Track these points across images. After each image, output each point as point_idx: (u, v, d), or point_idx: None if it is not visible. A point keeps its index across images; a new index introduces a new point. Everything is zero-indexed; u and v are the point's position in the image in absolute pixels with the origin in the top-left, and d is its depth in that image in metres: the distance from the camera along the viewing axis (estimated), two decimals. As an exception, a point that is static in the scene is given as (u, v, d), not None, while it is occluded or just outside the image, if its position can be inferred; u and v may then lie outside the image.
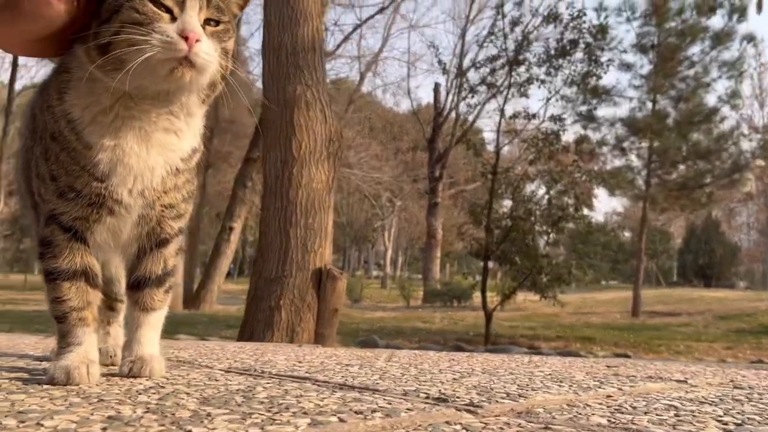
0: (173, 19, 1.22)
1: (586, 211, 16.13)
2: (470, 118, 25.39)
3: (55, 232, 1.34)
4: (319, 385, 1.42)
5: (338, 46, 24.63)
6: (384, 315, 19.00)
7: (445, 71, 23.30)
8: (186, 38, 1.20)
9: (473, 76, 19.29)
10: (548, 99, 16.32)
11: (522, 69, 15.50)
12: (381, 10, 24.30)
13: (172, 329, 12.25)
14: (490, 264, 14.35)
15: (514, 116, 15.49)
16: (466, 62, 24.18)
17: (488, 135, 29.13)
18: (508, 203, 15.73)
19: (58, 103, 1.30)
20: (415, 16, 65.37)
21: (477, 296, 16.32)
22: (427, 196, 27.63)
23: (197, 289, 18.48)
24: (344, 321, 15.75)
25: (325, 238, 5.58)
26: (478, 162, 16.30)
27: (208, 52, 1.24)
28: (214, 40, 1.27)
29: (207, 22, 1.28)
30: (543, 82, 15.48)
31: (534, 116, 15.46)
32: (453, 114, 26.35)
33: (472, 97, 18.26)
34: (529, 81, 15.33)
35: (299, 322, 5.28)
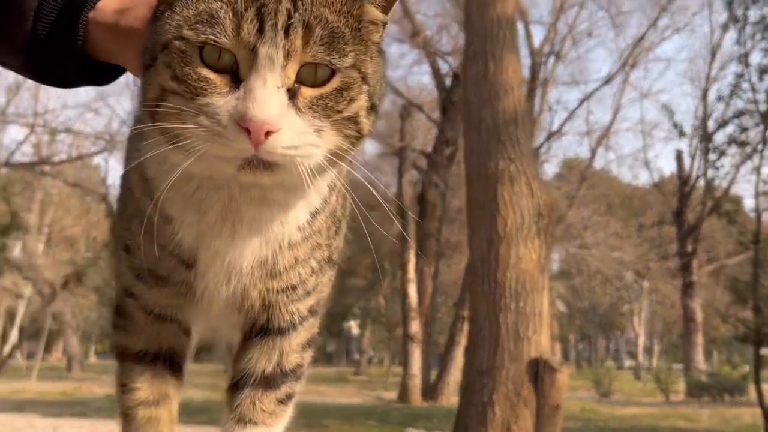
0: (235, 82, 0.74)
1: None
2: (723, 183, 22.66)
3: (131, 306, 1.03)
4: None
5: (563, 123, 23.98)
6: (638, 411, 16.92)
7: (682, 134, 21.27)
8: (248, 130, 0.72)
9: (719, 137, 17.25)
10: (820, 150, 13.84)
11: (780, 120, 13.48)
12: (607, 82, 23.17)
13: (407, 422, 12.17)
14: (764, 350, 12.14)
15: (776, 174, 13.38)
16: (711, 124, 21.93)
17: (749, 202, 25.75)
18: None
19: (137, 151, 0.91)
20: (646, 83, 62.12)
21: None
22: (680, 275, 24.85)
23: (435, 380, 18.42)
24: (590, 417, 14.35)
25: (539, 323, 5.01)
26: (736, 231, 14.27)
27: (292, 145, 0.74)
28: (313, 113, 0.76)
29: (305, 71, 0.76)
30: (811, 131, 13.24)
31: (802, 172, 13.20)
32: (701, 181, 23.80)
33: (720, 159, 16.24)
34: (791, 132, 13.24)
35: (515, 420, 4.71)
